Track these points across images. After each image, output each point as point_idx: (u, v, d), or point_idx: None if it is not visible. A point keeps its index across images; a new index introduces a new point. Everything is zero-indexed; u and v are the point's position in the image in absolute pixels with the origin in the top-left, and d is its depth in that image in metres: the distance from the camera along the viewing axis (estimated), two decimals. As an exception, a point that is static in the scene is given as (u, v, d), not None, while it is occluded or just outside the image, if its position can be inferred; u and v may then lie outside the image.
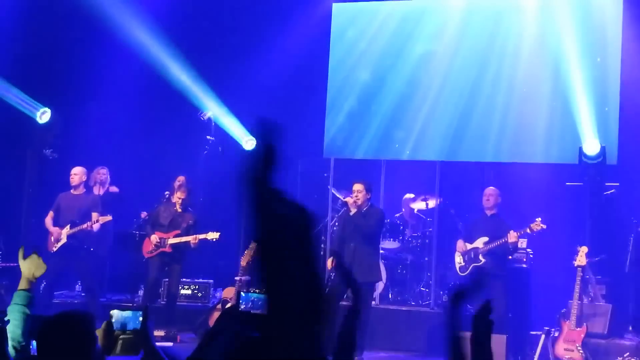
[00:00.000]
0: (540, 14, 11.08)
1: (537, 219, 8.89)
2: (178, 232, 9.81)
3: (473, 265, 9.22)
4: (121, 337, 3.37)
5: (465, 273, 9.34)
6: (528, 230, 8.95)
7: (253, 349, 1.88)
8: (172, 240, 9.75)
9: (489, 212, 9.38)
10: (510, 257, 9.44)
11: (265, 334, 1.83)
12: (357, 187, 9.03)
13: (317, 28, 11.93)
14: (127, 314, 3.42)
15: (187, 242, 9.72)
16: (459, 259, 9.42)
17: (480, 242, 9.24)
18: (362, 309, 8.96)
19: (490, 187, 9.55)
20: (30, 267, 3.62)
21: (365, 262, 8.89)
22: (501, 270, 9.18)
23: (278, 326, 1.80)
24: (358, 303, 3.28)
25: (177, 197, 9.90)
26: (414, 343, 9.73)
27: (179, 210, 9.91)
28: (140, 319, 3.37)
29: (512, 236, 8.99)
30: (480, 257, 9.19)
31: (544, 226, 8.86)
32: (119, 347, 3.38)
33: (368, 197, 9.06)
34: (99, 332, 3.31)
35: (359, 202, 8.97)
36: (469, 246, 9.33)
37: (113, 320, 3.39)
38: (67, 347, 2.97)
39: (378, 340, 9.48)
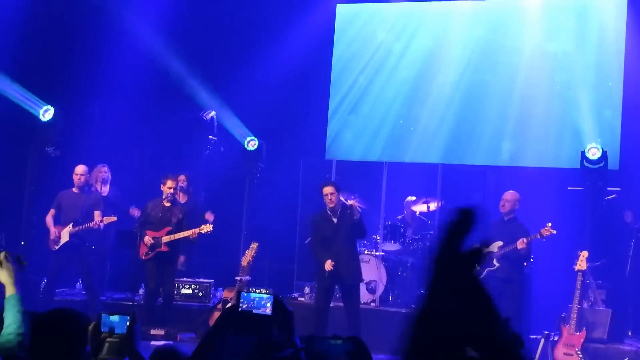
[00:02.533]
0: (542, 19, 11.10)
1: (547, 224, 8.78)
2: (169, 228, 9.72)
3: (487, 269, 9.18)
4: (108, 339, 3.38)
5: (480, 277, 9.28)
6: (538, 236, 8.84)
7: None
8: (166, 238, 9.66)
9: (505, 217, 9.30)
10: (525, 263, 9.33)
11: None
12: (329, 189, 8.92)
13: (321, 29, 11.95)
14: (115, 318, 3.42)
15: (181, 239, 9.65)
16: None
17: (495, 247, 9.16)
18: (357, 310, 8.90)
19: (509, 192, 9.36)
20: (5, 273, 3.62)
21: (350, 262, 8.88)
22: (516, 275, 9.11)
23: None
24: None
25: (167, 188, 9.73)
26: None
27: (167, 204, 9.76)
28: (128, 323, 3.38)
29: (519, 243, 8.90)
30: (495, 262, 9.11)
31: (554, 231, 8.75)
32: (105, 350, 3.38)
33: (339, 196, 9.00)
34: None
35: (334, 205, 8.89)
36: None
37: (101, 323, 3.40)
38: (57, 343, 3.07)
39: (378, 343, 9.42)
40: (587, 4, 11.05)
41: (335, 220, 8.91)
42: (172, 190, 9.70)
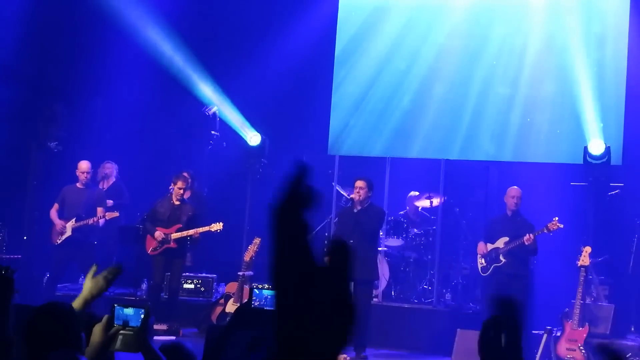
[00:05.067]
0: (547, 14, 11.07)
1: (554, 219, 8.73)
2: (180, 225, 9.76)
3: (494, 265, 9.15)
4: (121, 332, 3.36)
5: (487, 273, 9.23)
6: (545, 230, 8.80)
7: None
8: (175, 235, 9.71)
9: (509, 212, 9.26)
10: (531, 257, 9.30)
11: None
12: (360, 183, 9.03)
13: (323, 23, 11.92)
14: (129, 310, 3.40)
15: (190, 235, 9.70)
16: (480, 260, 9.30)
17: (501, 242, 9.12)
18: (361, 307, 8.95)
19: (515, 188, 9.29)
20: (92, 287, 3.58)
21: (364, 259, 8.88)
22: (523, 270, 9.07)
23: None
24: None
25: (177, 188, 9.80)
26: (416, 341, 9.74)
27: (177, 202, 9.85)
28: (142, 316, 3.36)
29: (527, 239, 8.85)
30: (501, 258, 9.07)
31: (561, 225, 8.71)
32: (118, 342, 3.37)
33: (369, 195, 9.06)
34: (98, 326, 3.33)
35: (361, 199, 8.97)
36: (490, 247, 9.19)
37: (114, 315, 3.39)
38: (51, 333, 3.14)
39: (380, 338, 9.48)
40: (591, 0, 11.02)
41: (355, 210, 8.98)
42: (181, 191, 9.78)
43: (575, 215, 9.87)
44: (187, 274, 10.58)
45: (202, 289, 10.58)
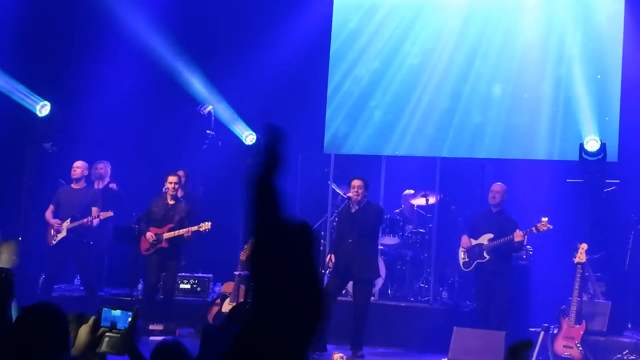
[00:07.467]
0: (542, 11, 11.07)
1: (543, 219, 8.78)
2: (171, 225, 9.72)
3: (477, 261, 9.18)
4: (107, 334, 3.34)
5: (469, 269, 9.29)
6: (534, 230, 8.84)
7: (245, 345, 1.86)
8: (167, 235, 9.67)
9: (494, 209, 9.30)
10: (514, 254, 9.38)
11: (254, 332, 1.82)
12: (357, 182, 9.08)
13: (319, 22, 11.91)
14: (117, 312, 3.38)
15: (182, 235, 9.66)
16: (462, 255, 9.36)
17: (485, 239, 9.16)
18: (361, 306, 9.00)
19: (497, 184, 9.42)
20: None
21: (363, 258, 8.90)
22: (505, 267, 9.12)
23: (268, 326, 1.78)
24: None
25: (169, 183, 9.76)
26: (412, 339, 9.73)
27: (170, 202, 9.82)
28: (130, 319, 3.34)
29: (518, 235, 8.87)
30: (485, 254, 9.11)
31: (550, 226, 8.75)
32: (104, 344, 3.34)
33: (366, 194, 9.11)
34: (85, 327, 3.30)
35: (359, 198, 9.01)
36: (474, 242, 9.26)
37: (101, 317, 3.37)
38: (38, 334, 3.12)
39: (377, 336, 9.47)
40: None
41: (353, 210, 8.99)
42: (172, 185, 9.72)
43: (571, 212, 9.88)
44: (183, 273, 10.56)
45: (199, 288, 10.56)
